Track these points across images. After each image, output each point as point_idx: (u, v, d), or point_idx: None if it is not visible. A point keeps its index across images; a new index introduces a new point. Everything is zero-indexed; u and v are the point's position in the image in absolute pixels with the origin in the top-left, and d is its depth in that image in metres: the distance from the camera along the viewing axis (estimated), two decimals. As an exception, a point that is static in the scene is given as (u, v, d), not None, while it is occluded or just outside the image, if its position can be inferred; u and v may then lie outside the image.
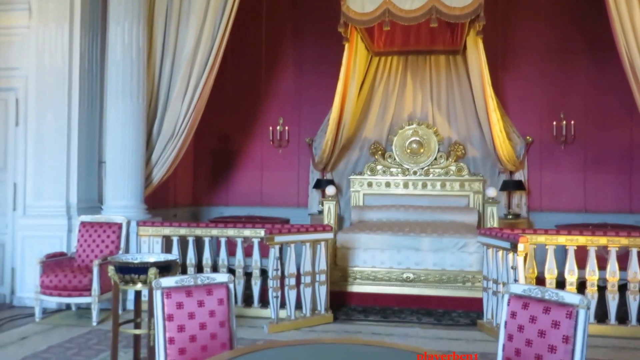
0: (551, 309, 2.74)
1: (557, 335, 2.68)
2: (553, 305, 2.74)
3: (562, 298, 2.75)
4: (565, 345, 2.65)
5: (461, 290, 6.78)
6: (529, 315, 2.81)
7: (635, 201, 8.76)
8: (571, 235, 5.83)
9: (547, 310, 2.75)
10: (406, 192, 8.99)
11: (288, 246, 6.01)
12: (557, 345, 2.67)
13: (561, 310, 2.70)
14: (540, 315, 2.76)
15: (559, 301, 2.75)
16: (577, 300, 2.68)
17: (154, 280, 3.10)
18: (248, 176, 10.01)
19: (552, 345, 2.68)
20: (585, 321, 2.64)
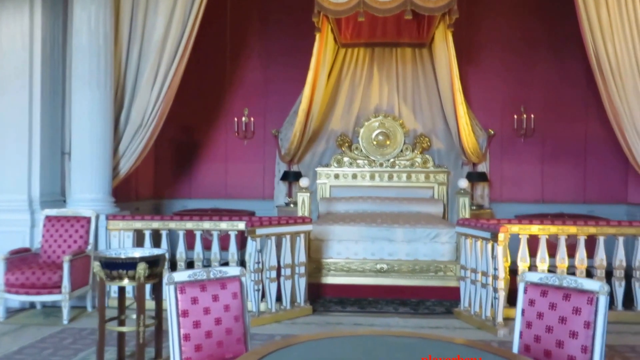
0: (571, 296, 2.80)
1: (578, 321, 2.74)
2: (573, 292, 2.81)
3: (581, 285, 2.81)
4: (586, 331, 2.72)
5: (434, 280, 6.88)
6: (549, 302, 2.86)
7: (589, 192, 9.17)
8: (543, 225, 6.02)
9: (567, 297, 2.81)
10: (372, 183, 9.04)
11: (268, 238, 5.91)
12: (579, 331, 2.73)
13: (582, 296, 2.77)
14: (561, 302, 2.82)
15: (578, 288, 2.81)
16: (597, 286, 2.75)
17: (167, 275, 2.95)
18: (212, 168, 9.78)
19: (573, 331, 2.75)
20: (606, 307, 2.71)
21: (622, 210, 8.97)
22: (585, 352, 2.70)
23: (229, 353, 2.99)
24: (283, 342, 2.54)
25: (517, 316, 3.00)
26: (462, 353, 2.50)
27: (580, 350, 2.71)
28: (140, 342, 4.30)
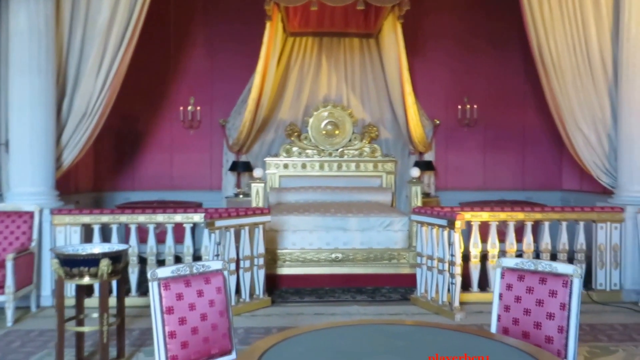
0: (547, 280, 2.97)
1: (554, 303, 2.91)
2: (549, 276, 2.97)
3: (555, 269, 2.99)
4: (562, 312, 2.90)
5: (388, 268, 7.05)
6: (526, 286, 3.02)
7: (527, 179, 9.66)
8: (493, 212, 6.30)
9: (543, 281, 2.97)
10: (322, 173, 9.11)
11: (227, 230, 5.84)
12: (555, 312, 2.90)
13: (557, 280, 2.94)
14: (537, 285, 2.98)
15: (552, 272, 2.98)
16: (571, 270, 2.93)
17: (150, 272, 2.87)
18: (157, 159, 9.51)
19: (550, 313, 2.91)
20: (579, 288, 2.90)
21: (557, 197, 9.53)
22: (561, 332, 2.87)
23: (215, 349, 2.97)
24: (282, 335, 2.55)
25: (494, 300, 3.14)
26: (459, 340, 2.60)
27: (557, 330, 2.88)
28: (104, 342, 4.17)
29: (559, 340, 2.87)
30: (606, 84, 6.79)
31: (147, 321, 5.49)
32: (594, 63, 6.79)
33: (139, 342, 4.93)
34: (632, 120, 6.48)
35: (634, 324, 5.48)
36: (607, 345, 4.87)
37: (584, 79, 6.83)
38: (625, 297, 6.33)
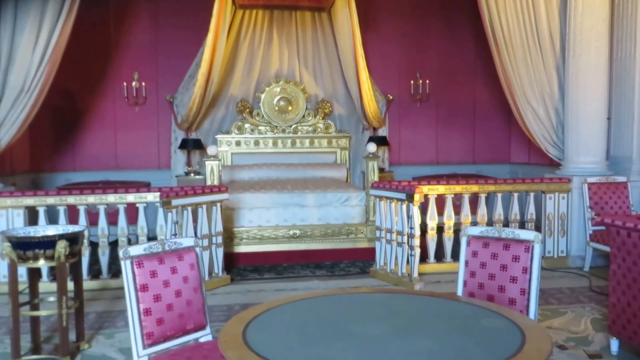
0: (511, 246, 3.19)
1: (517, 267, 3.14)
2: (512, 242, 3.20)
3: (518, 235, 3.21)
4: (524, 275, 3.13)
5: (346, 242, 7.24)
6: (491, 252, 3.24)
7: (477, 153, 10.06)
8: (449, 185, 6.57)
9: (507, 247, 3.20)
10: (275, 150, 9.17)
11: (184, 209, 5.85)
12: (518, 276, 3.14)
13: (520, 245, 3.17)
14: (501, 251, 3.20)
15: (515, 238, 3.21)
16: (533, 236, 3.16)
17: (122, 250, 2.90)
18: (100, 138, 9.27)
19: (513, 277, 3.15)
20: (540, 253, 3.13)
21: (506, 169, 9.99)
22: (523, 294, 3.11)
23: (190, 324, 3.04)
24: (262, 307, 2.65)
25: (460, 267, 3.35)
26: (434, 303, 2.79)
27: (520, 293, 3.12)
28: (63, 325, 4.15)
29: (521, 301, 3.11)
30: (554, 59, 7.14)
31: (102, 304, 5.50)
32: (543, 39, 7.13)
33: (97, 325, 4.92)
34: (579, 94, 6.86)
35: (580, 288, 5.91)
36: (557, 307, 5.25)
37: (534, 54, 7.16)
38: (571, 262, 6.80)
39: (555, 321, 4.87)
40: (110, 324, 4.92)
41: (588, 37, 6.77)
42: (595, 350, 4.24)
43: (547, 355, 2.09)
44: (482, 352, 2.11)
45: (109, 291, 5.97)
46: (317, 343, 2.21)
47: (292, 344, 2.20)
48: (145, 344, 2.83)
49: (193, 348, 2.95)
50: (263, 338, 2.24)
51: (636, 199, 6.73)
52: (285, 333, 2.36)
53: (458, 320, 2.55)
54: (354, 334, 2.30)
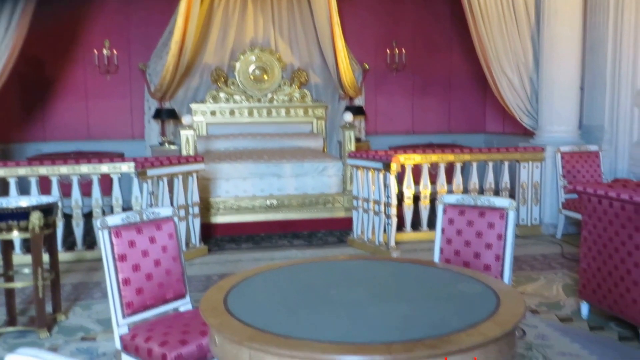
0: (486, 213, 3.27)
1: (492, 234, 3.22)
2: (487, 210, 3.27)
3: (493, 203, 3.29)
4: (499, 242, 3.21)
5: (323, 212, 7.29)
6: (467, 220, 3.31)
7: (453, 123, 10.15)
8: (425, 154, 6.64)
9: (482, 215, 3.27)
10: (251, 120, 9.12)
11: (160, 180, 5.82)
12: (493, 243, 3.22)
13: (495, 213, 3.24)
14: (477, 219, 3.28)
15: (491, 206, 3.28)
16: (507, 203, 3.24)
17: (99, 220, 2.89)
18: (70, 107, 9.09)
19: (488, 243, 3.23)
20: (514, 220, 3.22)
21: (481, 139, 10.11)
22: (498, 260, 3.20)
23: (169, 293, 3.06)
24: (242, 275, 2.68)
25: (437, 235, 3.42)
26: (412, 269, 2.86)
27: (494, 259, 3.20)
28: (39, 297, 4.14)
29: (496, 267, 3.20)
30: (529, 29, 7.20)
31: (78, 276, 5.48)
32: (518, 9, 7.18)
33: (73, 296, 4.91)
34: (552, 64, 6.95)
35: (553, 254, 6.09)
36: (530, 274, 5.40)
37: (509, 24, 7.20)
38: (544, 230, 6.97)
39: (528, 287, 5.02)
40: (87, 296, 4.92)
41: (562, 8, 6.84)
42: (567, 314, 4.40)
43: (520, 317, 2.17)
44: (459, 315, 2.18)
45: (84, 263, 5.95)
46: (297, 308, 2.25)
47: (272, 309, 2.24)
48: (125, 314, 2.85)
49: (173, 317, 2.98)
50: (244, 305, 2.28)
51: (607, 167, 6.90)
52: (265, 300, 2.40)
53: (435, 286, 2.62)
54: (333, 300, 2.36)
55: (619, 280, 3.92)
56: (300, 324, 2.06)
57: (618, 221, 3.92)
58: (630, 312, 3.83)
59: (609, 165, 6.93)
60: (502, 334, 2.03)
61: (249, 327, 2.03)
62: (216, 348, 2.14)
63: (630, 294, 3.81)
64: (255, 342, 1.93)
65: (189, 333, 2.72)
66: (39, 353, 1.18)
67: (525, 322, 4.17)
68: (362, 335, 1.98)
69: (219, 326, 2.07)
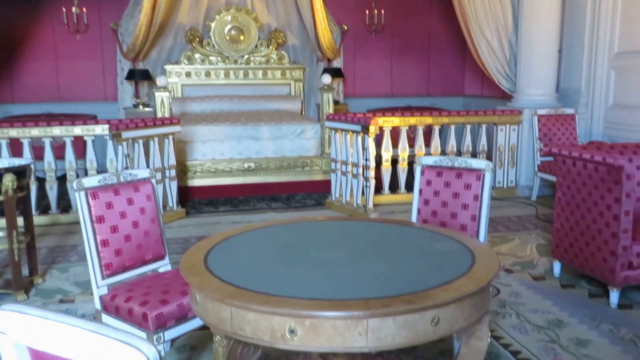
0: (463, 174, 3.33)
1: (469, 195, 3.29)
2: (464, 171, 3.34)
3: (470, 164, 3.35)
4: (475, 203, 3.29)
5: (301, 175, 7.34)
6: (444, 181, 3.37)
7: (431, 85, 10.18)
8: (404, 117, 6.69)
9: (459, 176, 3.34)
10: (227, 81, 9.03)
11: (135, 142, 5.77)
12: (469, 203, 3.29)
13: (472, 174, 3.31)
14: (454, 180, 3.34)
15: (468, 167, 3.35)
16: (484, 165, 3.30)
17: (76, 182, 2.88)
18: (39, 68, 8.89)
19: (465, 204, 3.30)
20: (490, 182, 3.29)
21: (460, 102, 10.19)
22: (474, 220, 3.28)
23: (148, 254, 3.09)
24: (221, 236, 2.71)
25: (414, 196, 3.48)
26: (391, 229, 2.93)
27: (470, 219, 3.28)
28: (15, 260, 4.13)
29: (472, 227, 3.28)
30: (509, -11, 7.20)
31: (54, 239, 5.47)
32: (498, -30, 7.16)
33: (49, 259, 4.91)
34: (532, 26, 6.98)
35: (527, 216, 6.24)
36: (505, 234, 5.55)
37: (489, -16, 7.20)
38: (520, 192, 7.13)
39: (503, 247, 5.17)
40: (64, 259, 4.92)
41: (543, -31, 6.85)
42: (539, 273, 4.55)
43: (494, 274, 2.25)
44: (435, 272, 2.25)
45: (59, 226, 5.92)
46: (277, 267, 2.30)
47: (253, 269, 2.28)
48: (104, 275, 2.87)
49: (153, 277, 3.01)
50: (224, 264, 2.31)
51: (583, 130, 7.03)
52: (245, 259, 2.44)
53: (412, 245, 2.69)
54: (313, 259, 2.41)
55: (590, 239, 4.06)
56: (280, 283, 2.11)
57: (591, 182, 4.03)
58: (600, 270, 3.98)
59: (585, 128, 7.07)
60: (477, 290, 2.10)
61: (230, 285, 2.07)
62: (197, 306, 2.18)
63: (600, 253, 3.96)
64: (236, 299, 1.97)
65: (169, 293, 2.76)
66: (23, 308, 1.20)
67: (500, 281, 4.31)
68: (341, 292, 2.04)
69: (200, 285, 2.11)
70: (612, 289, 3.92)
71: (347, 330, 1.89)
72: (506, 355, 3.25)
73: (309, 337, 1.91)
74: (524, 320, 3.70)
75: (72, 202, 6.04)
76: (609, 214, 3.88)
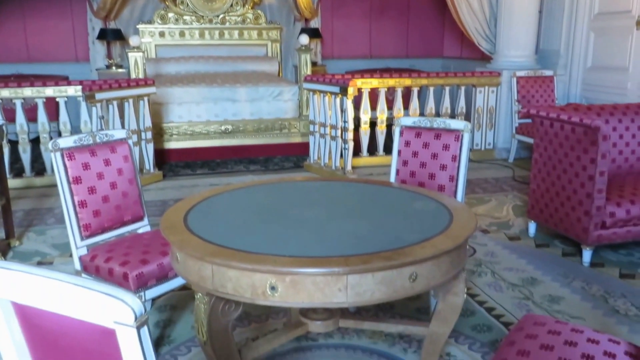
0: (442, 135, 3.37)
1: (447, 155, 3.35)
2: (443, 132, 3.38)
3: (448, 125, 3.39)
4: (453, 163, 3.34)
5: (279, 137, 7.32)
6: (423, 142, 3.42)
7: (410, 47, 10.14)
8: (383, 78, 6.68)
9: (438, 137, 3.38)
10: (202, 42, 8.89)
11: (109, 104, 5.69)
12: (447, 164, 3.35)
13: (450, 135, 3.36)
14: (433, 141, 3.39)
15: (446, 128, 3.39)
16: (462, 125, 3.35)
17: (51, 142, 2.86)
18: (6, 27, 8.63)
19: (443, 164, 3.36)
20: (468, 142, 3.34)
21: (439, 64, 10.19)
22: (452, 181, 3.34)
23: (127, 215, 3.10)
24: (201, 196, 2.72)
25: (393, 156, 3.52)
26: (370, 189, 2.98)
27: (448, 180, 3.34)
28: (-9, 222, 4.11)
29: (449, 187, 3.35)
30: (490, -52, 7.16)
31: (29, 202, 5.43)
32: None
33: (25, 222, 4.88)
34: (512, -15, 6.97)
35: (504, 177, 6.36)
36: (482, 196, 5.66)
37: (470, -58, 7.14)
38: (497, 154, 7.23)
39: (480, 208, 5.27)
40: (40, 221, 4.90)
41: None
42: (515, 233, 4.67)
43: (472, 231, 2.31)
44: (414, 231, 2.30)
45: (34, 189, 5.87)
46: (257, 227, 2.34)
47: (233, 228, 2.31)
48: (83, 235, 2.88)
49: (132, 238, 3.03)
50: (204, 224, 2.34)
51: (561, 92, 7.11)
52: (225, 219, 2.47)
53: (391, 204, 2.74)
54: (293, 218, 2.45)
55: (565, 199, 4.17)
56: (260, 241, 2.15)
57: (568, 143, 4.12)
58: (574, 230, 4.10)
59: (563, 90, 7.15)
60: (454, 247, 2.17)
61: (210, 243, 2.10)
62: (178, 265, 2.22)
63: (575, 213, 4.07)
64: (217, 257, 2.00)
65: (150, 253, 2.79)
66: (6, 264, 1.22)
67: (476, 241, 4.41)
68: (321, 250, 2.09)
69: (181, 244, 2.14)
70: (585, 248, 4.05)
71: (327, 286, 1.95)
72: (481, 312, 3.37)
73: (290, 293, 1.96)
74: (499, 279, 3.81)
75: (47, 165, 5.98)
76: (585, 174, 3.97)
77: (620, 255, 4.20)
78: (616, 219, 3.94)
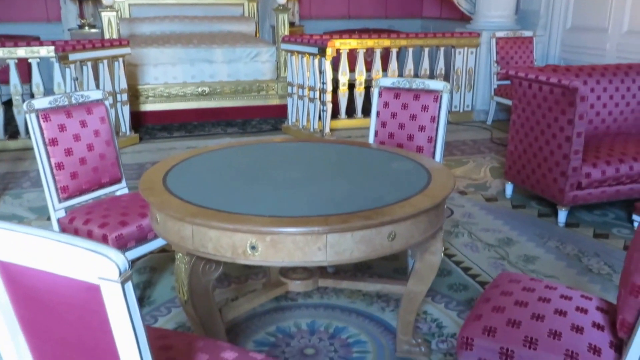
0: (420, 96, 3.40)
1: (426, 116, 3.38)
2: (422, 93, 3.40)
3: (428, 86, 3.41)
4: (432, 124, 3.38)
5: (257, 99, 7.29)
6: (401, 103, 3.44)
7: (389, 7, 10.06)
8: (361, 39, 6.64)
9: (417, 97, 3.40)
10: (178, 1, 8.72)
11: (83, 65, 5.59)
12: (426, 125, 3.38)
13: (429, 95, 3.38)
14: (412, 102, 3.41)
15: (425, 88, 3.41)
16: (441, 86, 3.37)
17: (25, 103, 2.82)
18: (-28, -17, 8.35)
19: (422, 126, 3.39)
20: (447, 103, 3.37)
21: (418, 25, 10.14)
22: (430, 142, 3.38)
23: (105, 177, 3.09)
24: (179, 157, 2.72)
25: (372, 117, 3.54)
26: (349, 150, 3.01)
27: (427, 141, 3.38)
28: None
29: (428, 148, 3.39)
30: None
31: (4, 166, 5.40)
32: None
33: (1, 186, 4.83)
34: (493, -56, 6.93)
35: (482, 139, 6.43)
36: (460, 158, 5.73)
37: None
38: (476, 117, 7.29)
39: (458, 170, 5.35)
40: (16, 185, 4.85)
41: None
42: (492, 194, 4.76)
43: (450, 191, 2.36)
44: (392, 190, 2.34)
45: (8, 153, 5.79)
46: (237, 187, 2.35)
47: (212, 189, 2.33)
48: (61, 198, 2.87)
49: (111, 200, 3.03)
50: (183, 185, 2.35)
51: (540, 53, 7.15)
52: (204, 180, 2.48)
53: (370, 165, 2.78)
54: (272, 178, 2.47)
55: (542, 161, 4.25)
56: (240, 202, 2.17)
57: (546, 104, 4.17)
58: (550, 191, 4.20)
59: (542, 51, 7.19)
60: (432, 206, 2.21)
61: (190, 204, 2.12)
62: (158, 226, 2.23)
63: (551, 174, 4.16)
64: (198, 217, 2.02)
65: (128, 215, 2.80)
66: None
67: (453, 202, 4.50)
68: (301, 209, 2.12)
69: (161, 204, 2.15)
70: (561, 209, 4.15)
71: (307, 245, 1.99)
72: (457, 272, 3.46)
73: (270, 252, 1.99)
74: (475, 239, 3.91)
75: (20, 128, 5.88)
76: (562, 135, 4.04)
77: (595, 216, 4.32)
78: (592, 180, 4.03)
